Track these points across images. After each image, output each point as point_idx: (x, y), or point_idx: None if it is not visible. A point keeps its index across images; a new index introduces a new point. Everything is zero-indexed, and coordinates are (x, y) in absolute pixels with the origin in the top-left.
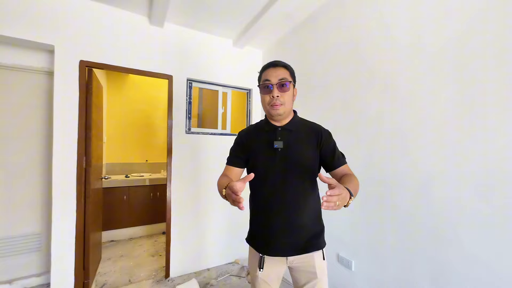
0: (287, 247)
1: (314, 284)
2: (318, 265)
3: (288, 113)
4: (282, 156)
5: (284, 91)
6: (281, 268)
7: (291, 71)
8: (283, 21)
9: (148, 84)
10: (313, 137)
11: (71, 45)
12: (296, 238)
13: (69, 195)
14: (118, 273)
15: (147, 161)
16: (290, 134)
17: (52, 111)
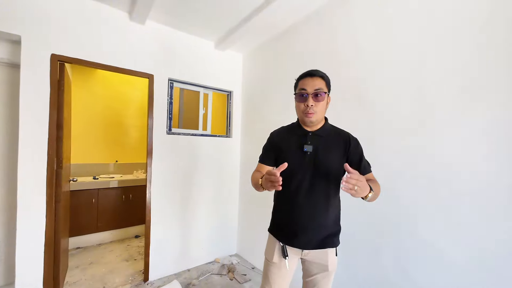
0: (306, 242)
1: (324, 276)
2: (331, 260)
3: (320, 120)
4: (310, 159)
5: (319, 100)
6: (295, 259)
7: (327, 81)
8: (265, 29)
9: (118, 80)
10: (341, 144)
11: (41, 37)
12: (315, 235)
13: (37, 199)
14: (89, 281)
15: (117, 161)
16: (320, 139)
17: (14, 107)
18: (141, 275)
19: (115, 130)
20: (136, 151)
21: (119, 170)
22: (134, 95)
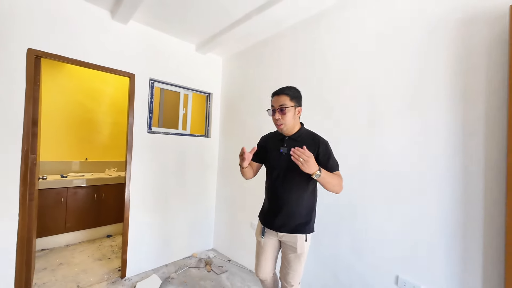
0: (280, 226)
1: (295, 257)
2: (299, 244)
3: (292, 127)
4: (285, 158)
5: (284, 113)
6: (274, 240)
7: (292, 96)
8: (246, 37)
9: (89, 75)
10: (312, 147)
11: (17, 31)
12: (287, 221)
13: (10, 197)
14: (60, 281)
15: (87, 159)
16: (295, 142)
17: None
18: (117, 273)
19: (84, 126)
20: (107, 149)
21: (88, 168)
22: (106, 91)
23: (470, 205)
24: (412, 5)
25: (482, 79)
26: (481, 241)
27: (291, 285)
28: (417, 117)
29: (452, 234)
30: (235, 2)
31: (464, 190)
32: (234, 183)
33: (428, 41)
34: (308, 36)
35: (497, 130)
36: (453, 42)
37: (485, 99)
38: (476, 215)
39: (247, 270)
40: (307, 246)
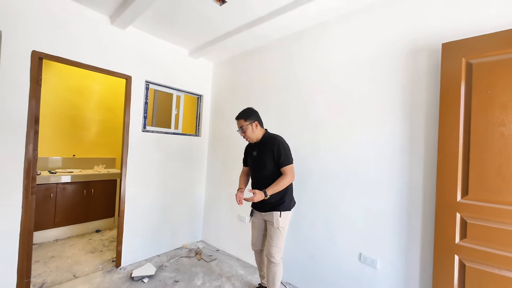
0: (260, 207)
1: (274, 230)
2: (275, 219)
3: (256, 137)
4: (256, 158)
5: (244, 132)
6: (260, 219)
7: (245, 117)
8: (236, 46)
9: (76, 73)
10: (271, 147)
11: (22, 33)
12: (264, 204)
13: (13, 191)
14: (55, 272)
15: (74, 156)
16: (261, 146)
17: None
18: (111, 263)
19: (71, 123)
20: (95, 146)
21: (76, 165)
22: (94, 88)
23: (413, 196)
24: (376, 37)
25: (423, 97)
26: (420, 224)
27: (272, 257)
28: (375, 125)
29: (400, 219)
30: (228, 18)
31: (409, 182)
32: (222, 180)
33: (386, 66)
34: (292, 49)
35: (432, 136)
36: (404, 67)
37: (425, 113)
38: (417, 204)
39: (235, 258)
40: (282, 221)
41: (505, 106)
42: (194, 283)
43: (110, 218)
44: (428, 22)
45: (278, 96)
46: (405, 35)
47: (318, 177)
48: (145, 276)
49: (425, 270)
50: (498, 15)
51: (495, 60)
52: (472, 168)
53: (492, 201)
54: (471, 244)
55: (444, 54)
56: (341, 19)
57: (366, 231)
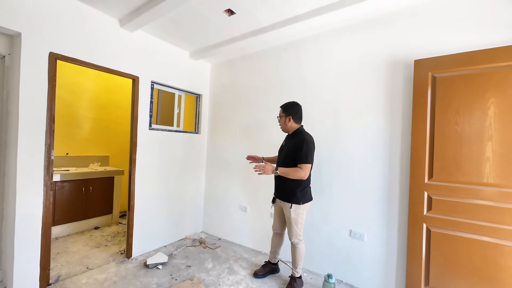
0: (278, 196)
1: (287, 219)
2: (287, 210)
3: (288, 129)
4: (283, 148)
5: (279, 121)
6: (279, 206)
7: (284, 108)
8: (236, 50)
9: (68, 69)
10: (296, 142)
11: (40, 36)
12: (281, 193)
13: (36, 188)
14: (66, 266)
15: (68, 154)
16: (290, 139)
17: None
18: (120, 255)
19: (64, 121)
20: (88, 144)
21: (70, 163)
22: (87, 86)
23: (392, 180)
24: (362, 50)
25: (400, 102)
26: (397, 202)
27: (291, 239)
28: (362, 122)
29: (382, 198)
30: (233, 27)
31: (389, 169)
32: (221, 173)
33: (371, 74)
34: (289, 55)
35: (407, 132)
36: (385, 76)
37: (401, 113)
38: (395, 186)
39: (237, 245)
40: (293, 212)
41: (458, 110)
42: (205, 266)
43: (108, 215)
44: (404, 42)
45: (274, 97)
46: (386, 51)
47: (313, 166)
48: (159, 264)
49: (402, 238)
50: (457, 40)
51: (452, 75)
52: (436, 157)
53: (450, 181)
54: (435, 215)
55: (416, 68)
56: (333, 33)
57: (355, 211)
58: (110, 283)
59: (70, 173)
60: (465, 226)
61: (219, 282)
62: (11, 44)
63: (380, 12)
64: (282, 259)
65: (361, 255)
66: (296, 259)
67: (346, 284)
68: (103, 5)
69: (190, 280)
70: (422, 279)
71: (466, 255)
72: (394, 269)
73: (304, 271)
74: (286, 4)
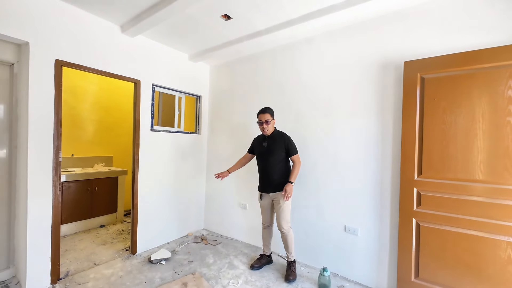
0: (268, 189)
1: (279, 207)
2: (281, 198)
3: (271, 131)
4: (266, 148)
5: (268, 124)
6: (268, 200)
7: (271, 113)
8: (234, 52)
9: (71, 74)
10: (281, 140)
11: (46, 44)
12: (272, 185)
13: (45, 188)
14: (75, 262)
15: (73, 155)
16: (271, 138)
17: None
18: (126, 252)
19: (69, 123)
20: (92, 145)
21: (75, 164)
22: (88, 89)
23: (384, 177)
24: (354, 51)
25: (391, 101)
26: (389, 198)
27: (283, 227)
28: (354, 122)
29: (374, 195)
30: (230, 31)
31: (381, 166)
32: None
33: (363, 75)
34: (285, 57)
35: (397, 131)
36: (376, 77)
37: (392, 113)
38: (387, 184)
39: (237, 241)
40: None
41: (445, 110)
42: (206, 261)
43: (113, 214)
44: (395, 44)
45: (271, 98)
46: (378, 53)
47: (309, 165)
48: (163, 259)
49: (393, 232)
50: (444, 42)
51: (439, 76)
52: (424, 155)
53: (437, 178)
54: (424, 210)
55: (405, 70)
56: (325, 36)
57: (349, 207)
58: (116, 278)
59: (76, 173)
60: (453, 221)
61: (220, 276)
62: (19, 52)
63: (372, 15)
64: (274, 251)
65: (355, 249)
66: (289, 245)
67: (341, 278)
68: (105, 13)
69: (192, 274)
70: (412, 271)
71: (453, 248)
72: (387, 262)
73: (300, 265)
74: (279, 10)
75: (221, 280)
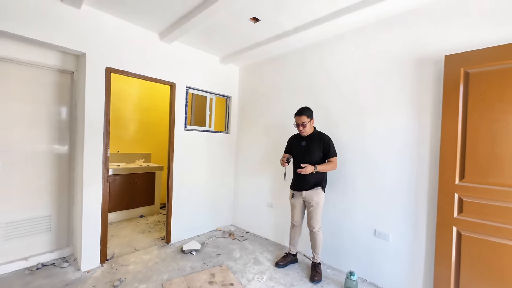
0: (302, 187)
1: (311, 207)
2: (315, 199)
3: (309, 131)
4: (304, 148)
5: (305, 126)
6: (300, 199)
7: (308, 114)
8: (262, 53)
9: (115, 79)
10: (321, 141)
11: (99, 53)
12: (307, 184)
13: (97, 180)
14: (118, 246)
15: (119, 151)
16: (310, 139)
17: (64, 104)
18: (161, 241)
19: (114, 123)
20: (134, 143)
21: (120, 159)
22: (131, 91)
23: (420, 180)
24: (387, 47)
25: (428, 99)
26: (426, 203)
27: (313, 227)
28: (387, 121)
29: (409, 200)
30: (258, 32)
31: (417, 169)
32: (249, 171)
33: (396, 71)
34: (313, 56)
35: (436, 130)
36: (413, 74)
37: (431, 112)
38: (423, 187)
39: (263, 238)
40: (320, 199)
41: (493, 107)
42: (233, 256)
43: (151, 206)
44: (433, 37)
45: (299, 97)
46: (412, 48)
47: (338, 165)
48: (193, 250)
49: (430, 240)
50: (489, 33)
51: (487, 70)
52: (468, 157)
53: (483, 183)
54: (466, 217)
55: (447, 64)
56: (355, 32)
57: (380, 210)
58: (153, 263)
59: (120, 168)
60: (499, 231)
61: (245, 270)
62: (78, 62)
63: (407, 7)
64: (299, 250)
65: (386, 255)
66: (317, 245)
67: (370, 283)
68: (146, 22)
69: (220, 266)
70: (451, 284)
71: (499, 261)
72: (421, 271)
73: (326, 267)
74: (307, 9)
75: (246, 274)
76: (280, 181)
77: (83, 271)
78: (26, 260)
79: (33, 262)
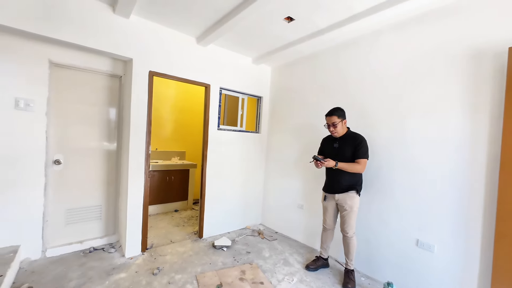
0: (336, 190)
1: (346, 213)
2: (349, 201)
3: (342, 132)
4: (337, 150)
5: (335, 127)
6: (333, 202)
7: (338, 114)
8: (294, 53)
9: (155, 80)
10: (354, 141)
11: (143, 58)
12: (340, 186)
13: (140, 175)
14: (157, 237)
15: (157, 149)
16: (343, 140)
17: (113, 105)
18: (194, 235)
19: (153, 123)
20: (170, 141)
21: (158, 156)
22: (167, 93)
23: (474, 186)
24: (431, 42)
25: (488, 97)
26: (481, 215)
27: (347, 232)
28: (434, 121)
29: (459, 209)
30: (292, 32)
31: (471, 175)
32: (279, 171)
33: (445, 69)
34: (348, 53)
35: (496, 132)
36: (466, 69)
37: (489, 112)
38: (478, 196)
39: (293, 240)
40: (355, 203)
41: None
42: (262, 255)
43: (185, 201)
44: (493, 28)
45: (332, 96)
46: (463, 41)
47: (372, 168)
48: (224, 246)
49: (486, 256)
50: None
51: None
52: None
53: None
54: None
55: (511, 57)
56: (395, 26)
57: (423, 219)
58: (187, 256)
59: (158, 164)
60: None
61: (275, 270)
62: (125, 67)
63: None
64: (331, 255)
65: (430, 268)
66: (350, 251)
67: None
68: (185, 28)
69: (250, 264)
70: None
71: None
72: None
73: (360, 275)
74: (342, 5)
75: (276, 275)
76: (311, 183)
77: (127, 257)
78: (81, 244)
79: (87, 245)
